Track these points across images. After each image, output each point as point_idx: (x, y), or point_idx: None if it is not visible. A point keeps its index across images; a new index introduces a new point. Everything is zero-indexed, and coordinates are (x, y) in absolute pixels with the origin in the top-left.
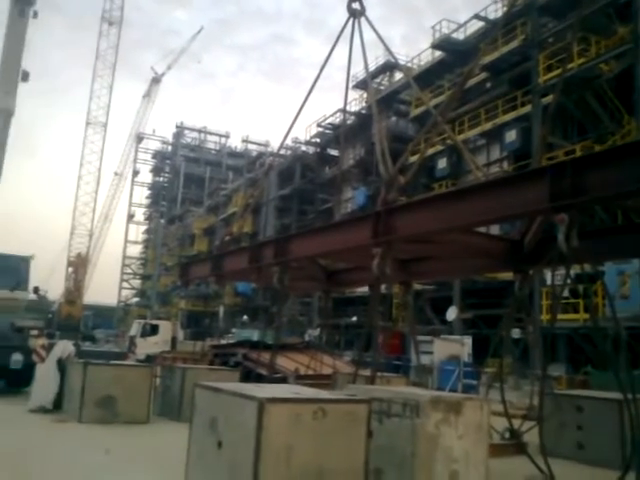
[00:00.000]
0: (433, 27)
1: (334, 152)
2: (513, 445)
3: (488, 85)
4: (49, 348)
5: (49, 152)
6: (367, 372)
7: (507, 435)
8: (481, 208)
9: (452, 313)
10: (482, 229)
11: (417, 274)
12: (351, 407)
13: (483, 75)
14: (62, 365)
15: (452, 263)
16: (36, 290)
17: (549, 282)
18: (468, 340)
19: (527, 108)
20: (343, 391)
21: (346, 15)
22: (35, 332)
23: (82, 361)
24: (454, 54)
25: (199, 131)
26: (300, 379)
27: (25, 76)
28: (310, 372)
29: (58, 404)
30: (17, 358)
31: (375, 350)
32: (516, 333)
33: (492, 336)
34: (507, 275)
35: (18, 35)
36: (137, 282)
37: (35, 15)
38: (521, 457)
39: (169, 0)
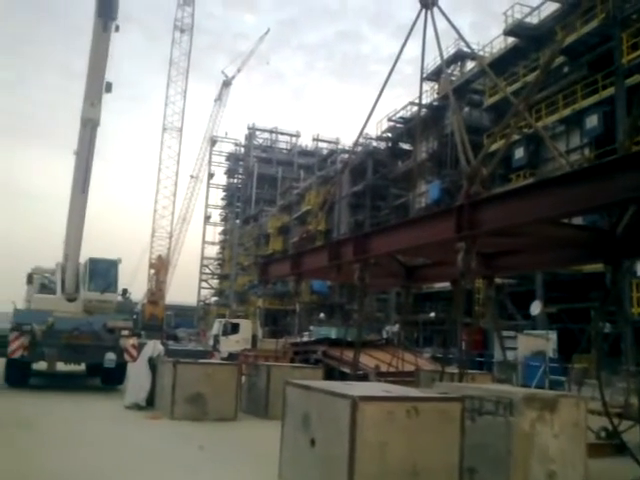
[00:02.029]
0: (505, 13)
1: (406, 146)
2: (611, 445)
3: (566, 69)
4: (140, 348)
5: (128, 158)
6: (452, 369)
7: (603, 434)
8: (569, 198)
9: (536, 307)
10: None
11: (501, 268)
12: (444, 405)
13: (560, 59)
14: (153, 364)
15: (538, 256)
16: (124, 292)
17: None
18: (553, 335)
19: (609, 91)
20: (434, 389)
21: (416, 8)
22: (126, 332)
23: (172, 360)
24: (528, 39)
25: (270, 132)
26: (381, 376)
27: (108, 87)
28: (391, 369)
29: (150, 401)
30: (110, 357)
31: (460, 347)
32: (606, 327)
33: (578, 330)
34: (593, 267)
35: (102, 48)
36: (215, 282)
37: (117, 29)
38: (620, 457)
39: (237, 5)
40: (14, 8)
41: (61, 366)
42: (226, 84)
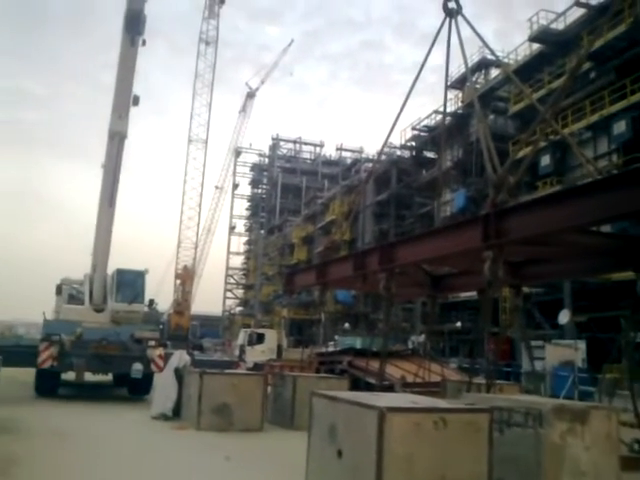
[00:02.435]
0: (530, 19)
1: (430, 155)
2: None
3: (592, 75)
4: (166, 358)
5: (155, 170)
6: (479, 380)
7: (636, 447)
8: (598, 206)
9: (564, 316)
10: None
11: (529, 277)
12: (472, 417)
13: (587, 65)
14: (179, 374)
15: (566, 264)
16: (151, 303)
17: None
18: (582, 344)
19: (638, 96)
20: (461, 400)
21: (440, 16)
22: (153, 343)
23: (198, 370)
24: (553, 46)
25: (294, 142)
26: (407, 387)
27: (136, 100)
28: (417, 380)
29: (177, 411)
30: (137, 367)
31: (488, 357)
32: (637, 336)
33: (608, 340)
34: (623, 275)
35: (129, 63)
36: (240, 292)
37: (144, 43)
38: None
39: (261, 17)
40: (48, 25)
41: (89, 376)
42: (250, 96)
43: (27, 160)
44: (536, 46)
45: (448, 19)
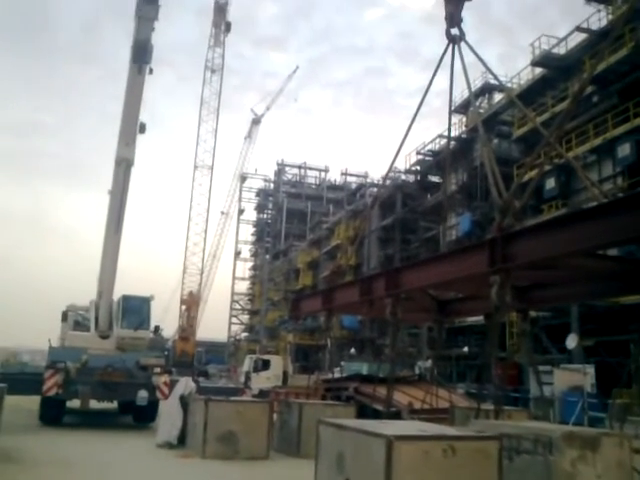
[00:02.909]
0: (532, 44)
1: (435, 179)
2: None
3: (595, 98)
4: (171, 385)
5: (161, 195)
6: (487, 406)
7: None
8: (604, 229)
9: (572, 341)
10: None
11: (536, 301)
12: (481, 444)
13: (590, 88)
14: (184, 402)
15: (573, 288)
16: (157, 329)
17: None
18: (590, 369)
19: None
20: (469, 427)
21: (444, 42)
22: (158, 370)
23: (203, 397)
24: (556, 70)
25: (299, 167)
26: (414, 413)
27: (142, 128)
28: (424, 406)
29: (182, 439)
30: (143, 395)
31: (496, 382)
32: None
33: (617, 364)
34: (631, 298)
35: (136, 91)
36: (245, 317)
37: (151, 72)
38: None
39: (266, 45)
40: (58, 56)
41: (94, 403)
42: (255, 122)
43: (36, 187)
44: (539, 70)
45: (451, 45)
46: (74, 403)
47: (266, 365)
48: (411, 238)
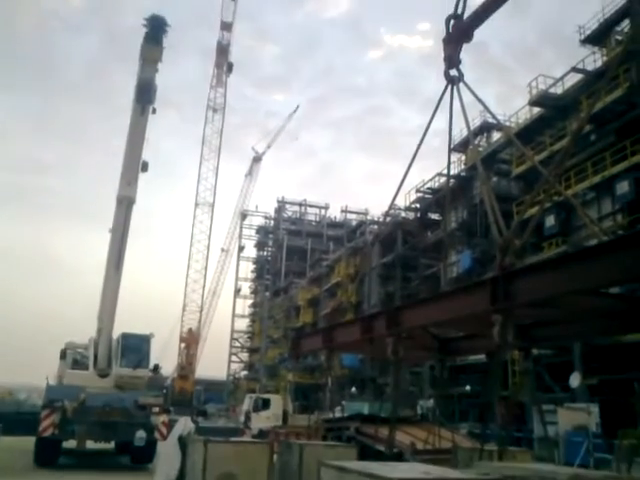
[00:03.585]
0: (529, 84)
1: (435, 216)
2: None
3: (593, 137)
4: (170, 425)
5: (161, 233)
6: (491, 446)
7: None
8: (606, 268)
9: (575, 379)
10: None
11: (538, 339)
12: None
13: (587, 127)
14: (183, 442)
15: (576, 326)
16: (156, 368)
17: None
18: (594, 408)
19: (639, 157)
20: (474, 469)
21: (443, 82)
22: (157, 409)
23: (203, 438)
24: (553, 109)
25: (299, 204)
26: (417, 454)
27: (145, 166)
28: (427, 447)
29: None
30: (141, 435)
31: (500, 422)
32: None
33: (622, 403)
34: (634, 336)
35: (139, 130)
36: (245, 355)
37: (154, 111)
38: None
39: (268, 85)
40: (63, 94)
41: (90, 444)
42: (256, 160)
43: (37, 223)
44: (536, 109)
45: (450, 85)
46: (70, 443)
47: (266, 404)
48: (412, 275)
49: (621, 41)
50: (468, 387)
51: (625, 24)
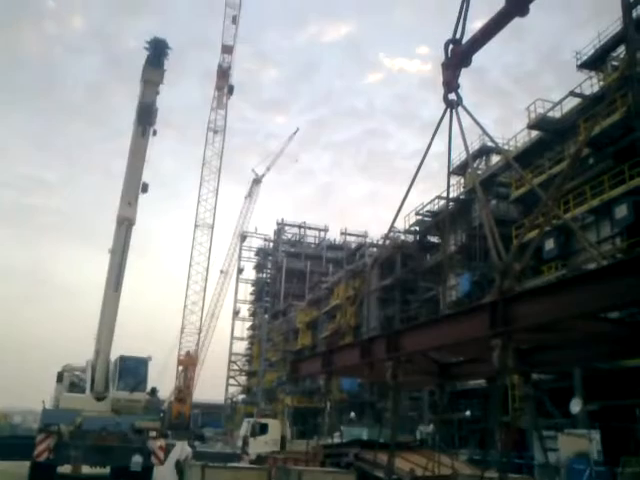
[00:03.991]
0: (528, 108)
1: (434, 239)
2: None
3: (591, 161)
4: (167, 449)
5: (160, 254)
6: (491, 473)
7: None
8: (606, 292)
9: (576, 405)
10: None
11: (538, 364)
12: None
13: (585, 151)
14: (180, 467)
15: (576, 351)
16: (153, 391)
17: None
18: (596, 435)
19: (638, 181)
20: None
21: (441, 107)
22: (154, 433)
23: (200, 463)
24: (551, 133)
25: (299, 227)
26: None
27: (145, 188)
28: (427, 473)
29: None
30: (137, 460)
31: (501, 449)
32: None
33: (624, 429)
34: (636, 361)
35: (140, 152)
36: (243, 379)
37: (155, 133)
38: None
39: (268, 107)
40: (63, 114)
41: (86, 468)
42: (256, 182)
43: (37, 243)
44: (535, 133)
45: (449, 110)
46: (65, 468)
47: (264, 429)
48: (411, 298)
49: (617, 67)
50: (468, 412)
51: (621, 50)
